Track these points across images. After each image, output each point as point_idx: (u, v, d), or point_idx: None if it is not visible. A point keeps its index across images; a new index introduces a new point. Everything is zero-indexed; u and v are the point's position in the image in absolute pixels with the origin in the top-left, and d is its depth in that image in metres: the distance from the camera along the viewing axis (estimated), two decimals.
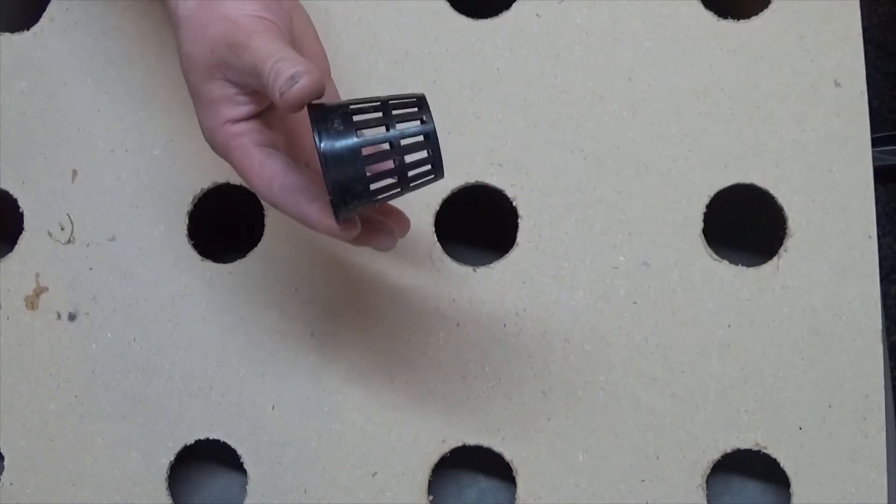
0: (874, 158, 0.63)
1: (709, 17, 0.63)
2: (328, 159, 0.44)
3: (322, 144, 0.44)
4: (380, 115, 0.45)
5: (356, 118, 0.45)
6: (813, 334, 0.59)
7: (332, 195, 0.44)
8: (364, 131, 0.45)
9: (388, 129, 0.45)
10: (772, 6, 0.62)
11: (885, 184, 1.24)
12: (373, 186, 0.45)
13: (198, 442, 0.61)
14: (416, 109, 0.45)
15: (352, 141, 0.44)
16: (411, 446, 0.60)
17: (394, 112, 0.45)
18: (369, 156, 0.44)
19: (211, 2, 0.49)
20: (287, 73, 0.44)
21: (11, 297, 0.63)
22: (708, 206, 0.61)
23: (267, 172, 0.48)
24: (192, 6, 0.49)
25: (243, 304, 0.62)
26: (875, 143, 0.62)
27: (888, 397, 0.60)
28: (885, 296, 1.24)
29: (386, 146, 0.45)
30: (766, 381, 0.59)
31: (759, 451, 0.59)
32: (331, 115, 0.45)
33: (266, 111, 0.50)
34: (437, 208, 0.62)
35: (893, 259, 1.27)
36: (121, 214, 0.63)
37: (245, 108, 0.49)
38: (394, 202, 0.49)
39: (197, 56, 0.49)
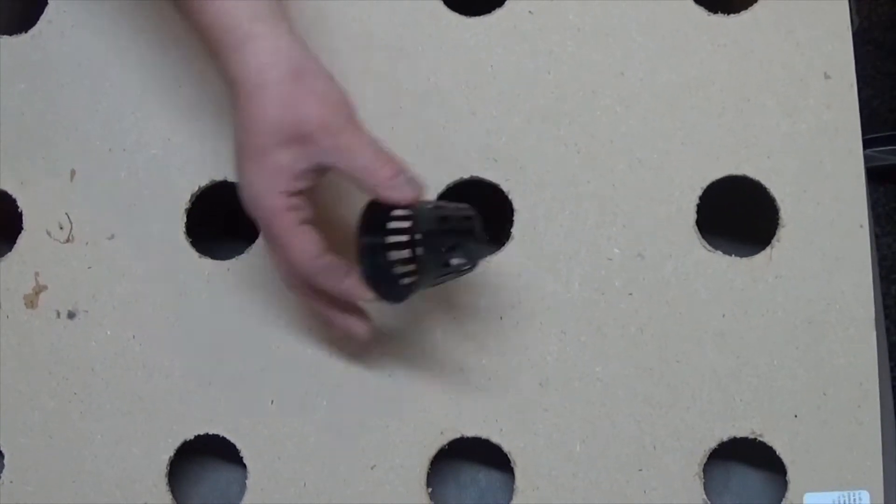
0: (874, 158, 0.63)
1: (699, 11, 0.63)
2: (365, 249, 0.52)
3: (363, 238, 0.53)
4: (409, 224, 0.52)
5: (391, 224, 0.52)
6: (807, 323, 0.60)
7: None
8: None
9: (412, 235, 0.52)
10: (761, 0, 0.63)
11: (885, 184, 1.25)
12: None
13: (197, 437, 0.61)
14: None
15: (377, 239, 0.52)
16: (410, 439, 0.60)
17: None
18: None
19: (305, 78, 0.52)
20: (389, 172, 0.52)
21: (11, 296, 0.63)
22: (701, 198, 0.61)
23: (311, 248, 0.52)
24: (285, 75, 0.51)
25: (241, 301, 0.62)
26: (875, 142, 0.63)
27: (886, 394, 0.60)
28: (886, 295, 1.24)
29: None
30: (761, 370, 0.60)
31: (755, 439, 0.59)
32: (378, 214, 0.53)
33: (309, 190, 0.53)
34: None
35: (893, 259, 1.28)
36: (119, 213, 0.64)
37: (303, 184, 0.52)
38: None
39: (280, 121, 0.51)
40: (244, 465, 0.61)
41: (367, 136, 0.53)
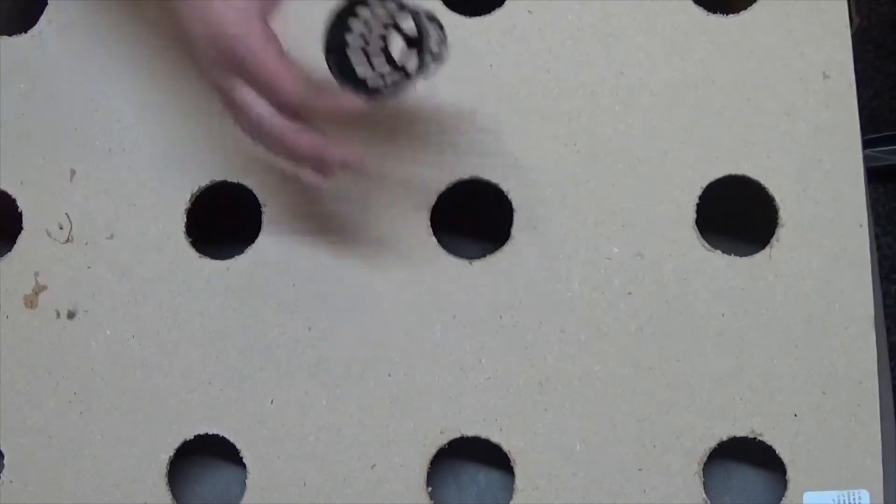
0: (874, 158, 0.63)
1: (698, 11, 0.63)
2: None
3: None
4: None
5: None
6: (806, 322, 0.60)
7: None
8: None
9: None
10: (760, 0, 0.63)
11: (885, 184, 1.25)
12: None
13: (197, 437, 0.61)
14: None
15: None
16: (409, 438, 0.60)
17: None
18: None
19: None
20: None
21: (11, 296, 0.63)
22: (700, 198, 0.61)
23: (300, 74, 0.50)
24: None
25: (241, 300, 0.62)
26: (875, 143, 0.63)
27: (886, 394, 0.60)
28: (886, 295, 1.24)
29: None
30: (761, 369, 0.60)
31: (755, 438, 0.59)
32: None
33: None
34: (433, 202, 0.62)
35: (893, 259, 1.27)
36: (119, 213, 0.64)
37: (270, 7, 0.50)
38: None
39: None
40: (244, 465, 0.61)
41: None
